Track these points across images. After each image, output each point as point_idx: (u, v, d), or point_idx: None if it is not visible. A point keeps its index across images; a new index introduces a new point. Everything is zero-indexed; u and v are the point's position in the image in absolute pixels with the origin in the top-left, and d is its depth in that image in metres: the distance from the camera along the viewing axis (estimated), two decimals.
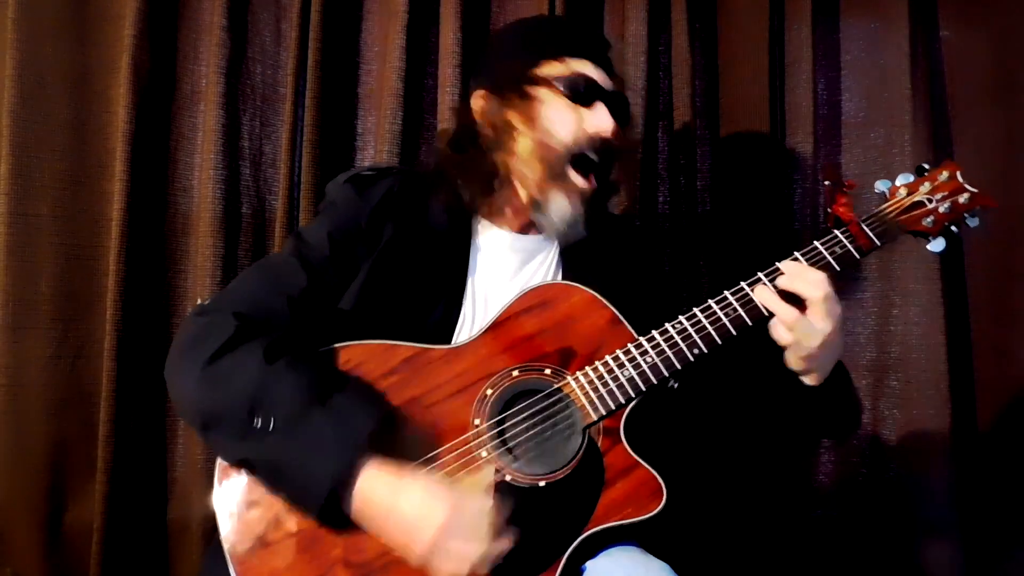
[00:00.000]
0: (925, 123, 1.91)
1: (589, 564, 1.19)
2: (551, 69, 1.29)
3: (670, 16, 1.96)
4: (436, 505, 1.04)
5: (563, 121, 1.27)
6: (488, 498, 1.08)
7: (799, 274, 1.16)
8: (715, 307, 1.20)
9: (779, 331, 1.16)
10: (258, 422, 1.07)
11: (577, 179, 1.29)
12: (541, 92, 1.29)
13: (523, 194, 1.32)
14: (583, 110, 1.28)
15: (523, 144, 1.29)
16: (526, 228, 1.37)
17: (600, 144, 1.29)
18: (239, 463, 1.12)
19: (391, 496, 1.06)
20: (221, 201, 1.81)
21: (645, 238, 1.66)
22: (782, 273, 1.18)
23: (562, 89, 1.27)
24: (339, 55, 1.90)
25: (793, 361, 1.18)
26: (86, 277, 1.81)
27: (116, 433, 1.73)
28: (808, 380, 1.20)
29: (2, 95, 1.75)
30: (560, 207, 1.28)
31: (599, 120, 1.28)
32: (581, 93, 1.28)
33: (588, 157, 1.28)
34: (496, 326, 1.23)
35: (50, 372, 1.77)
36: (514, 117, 1.29)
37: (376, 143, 1.91)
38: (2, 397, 1.73)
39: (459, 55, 1.85)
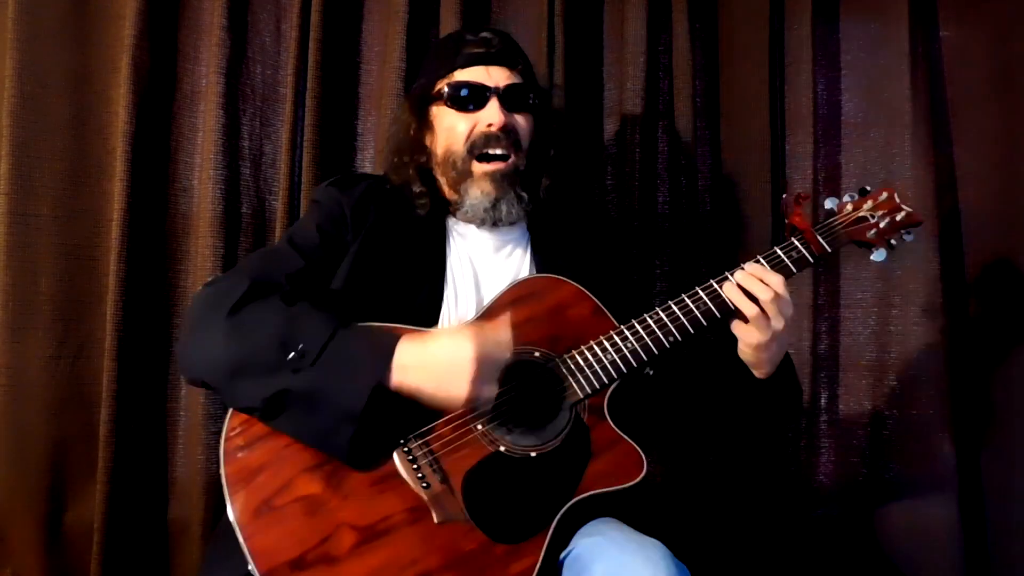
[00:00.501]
0: (925, 123, 1.91)
1: (581, 543, 1.23)
2: (442, 86, 1.43)
3: (670, 16, 1.96)
4: (463, 342, 1.16)
5: (454, 129, 1.41)
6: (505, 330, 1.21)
7: (757, 275, 1.28)
8: (688, 300, 1.33)
9: (738, 324, 1.30)
10: (291, 354, 1.14)
11: (480, 167, 1.40)
12: (435, 110, 1.45)
13: (451, 197, 1.46)
14: (474, 113, 1.40)
15: (434, 157, 1.46)
16: (495, 224, 1.46)
17: (496, 134, 1.39)
18: (269, 400, 1.15)
19: (421, 353, 1.17)
20: (221, 201, 1.81)
21: (609, 228, 1.81)
22: (744, 269, 1.31)
23: (448, 100, 1.42)
24: (339, 55, 1.90)
25: (747, 352, 1.32)
26: (86, 277, 1.81)
27: (116, 433, 1.73)
28: (758, 373, 1.34)
29: (2, 95, 1.75)
30: (473, 196, 1.41)
31: (486, 116, 1.40)
32: (466, 98, 1.41)
33: (485, 152, 1.40)
34: (489, 313, 1.32)
35: (50, 372, 1.77)
36: (423, 134, 1.47)
37: (376, 143, 1.92)
38: (2, 397, 1.73)
39: None
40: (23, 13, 1.75)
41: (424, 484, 1.17)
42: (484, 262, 1.45)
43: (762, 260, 1.33)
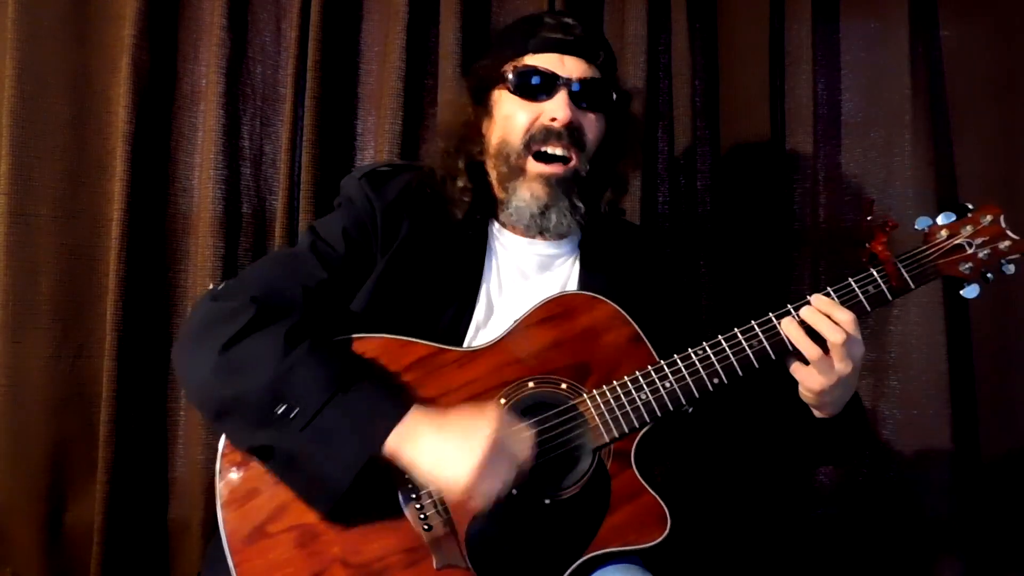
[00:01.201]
0: (925, 123, 1.91)
1: None
2: (508, 69, 1.28)
3: (670, 16, 1.96)
4: (481, 427, 1.04)
5: (513, 118, 1.27)
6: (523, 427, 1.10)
7: (824, 311, 1.14)
8: (740, 337, 1.18)
9: (798, 367, 1.16)
10: (280, 410, 1.05)
11: (535, 167, 1.26)
12: (496, 94, 1.30)
13: (499, 197, 1.32)
14: (541, 103, 1.25)
15: (487, 147, 1.31)
16: (542, 233, 1.33)
17: (557, 132, 1.25)
18: (254, 450, 1.10)
19: (432, 429, 1.05)
20: (221, 201, 1.81)
21: (666, 247, 1.63)
22: (810, 305, 1.16)
23: (512, 85, 1.26)
24: (339, 55, 1.90)
25: (808, 396, 1.18)
26: (86, 277, 1.81)
27: (116, 433, 1.73)
28: (819, 413, 1.20)
29: (2, 95, 1.75)
30: (521, 198, 1.27)
31: (550, 108, 1.24)
32: (535, 87, 1.25)
33: (543, 150, 1.25)
34: (514, 333, 1.21)
35: (50, 372, 1.77)
36: (480, 120, 1.32)
37: (376, 143, 1.91)
38: (2, 397, 1.73)
39: (459, 55, 1.86)
40: (23, 13, 1.75)
41: (425, 526, 1.11)
42: (525, 279, 1.32)
43: (832, 293, 1.17)
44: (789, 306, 1.18)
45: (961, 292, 1.21)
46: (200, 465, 1.77)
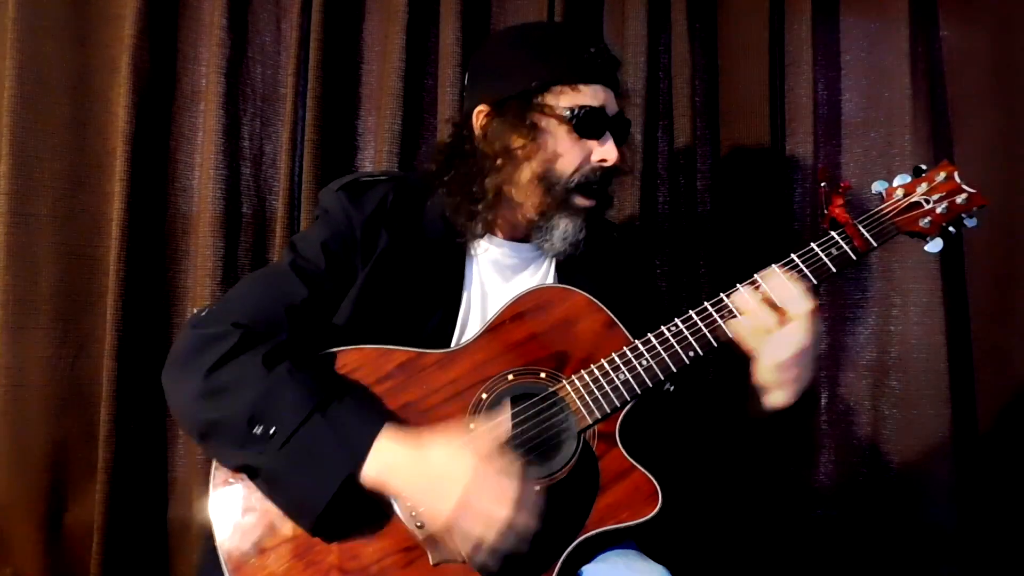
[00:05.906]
0: (925, 123, 1.91)
1: (586, 569, 1.20)
2: (561, 98, 1.25)
3: (670, 16, 1.96)
4: (460, 463, 1.05)
5: (569, 155, 1.26)
6: (511, 457, 1.09)
7: (784, 286, 1.16)
8: (711, 309, 1.21)
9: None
10: (258, 430, 1.08)
11: (581, 201, 1.28)
12: (548, 123, 1.26)
13: (520, 214, 1.32)
14: (590, 142, 1.27)
15: (524, 173, 1.27)
16: (520, 237, 1.37)
17: (603, 171, 1.29)
18: (238, 469, 1.13)
19: (412, 458, 1.07)
20: (221, 201, 1.81)
21: (636, 242, 1.67)
22: (774, 275, 1.19)
23: (572, 123, 1.25)
24: (339, 55, 1.90)
25: (768, 374, 1.15)
26: (86, 277, 1.81)
27: (116, 433, 1.73)
28: (775, 400, 1.17)
29: (2, 95, 1.75)
30: (563, 229, 1.28)
31: (606, 152, 1.27)
32: (590, 127, 1.26)
33: (591, 185, 1.28)
34: (491, 329, 1.24)
35: (50, 372, 1.77)
36: (517, 143, 1.26)
37: (376, 143, 1.91)
38: (2, 397, 1.73)
39: (459, 55, 1.86)
40: (23, 13, 1.75)
41: (418, 523, 1.11)
42: (505, 281, 1.35)
43: (796, 259, 1.22)
44: (756, 275, 1.21)
45: (925, 248, 1.25)
46: (200, 465, 1.77)
